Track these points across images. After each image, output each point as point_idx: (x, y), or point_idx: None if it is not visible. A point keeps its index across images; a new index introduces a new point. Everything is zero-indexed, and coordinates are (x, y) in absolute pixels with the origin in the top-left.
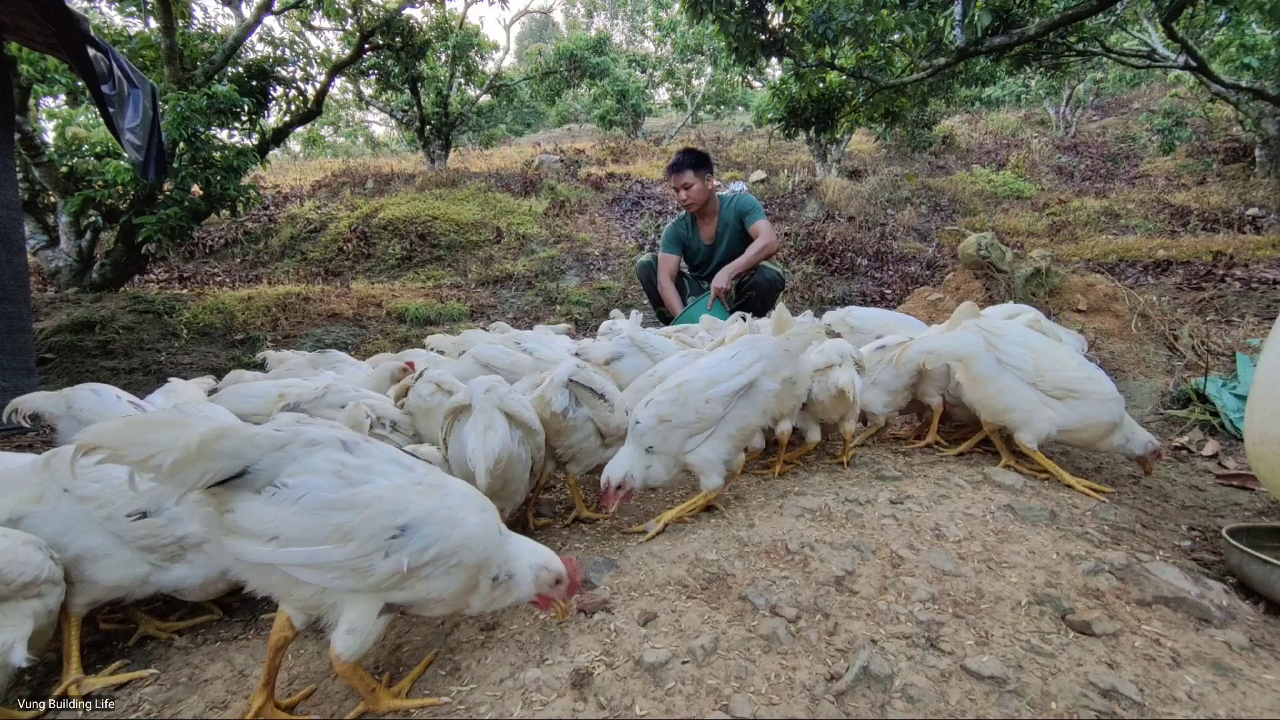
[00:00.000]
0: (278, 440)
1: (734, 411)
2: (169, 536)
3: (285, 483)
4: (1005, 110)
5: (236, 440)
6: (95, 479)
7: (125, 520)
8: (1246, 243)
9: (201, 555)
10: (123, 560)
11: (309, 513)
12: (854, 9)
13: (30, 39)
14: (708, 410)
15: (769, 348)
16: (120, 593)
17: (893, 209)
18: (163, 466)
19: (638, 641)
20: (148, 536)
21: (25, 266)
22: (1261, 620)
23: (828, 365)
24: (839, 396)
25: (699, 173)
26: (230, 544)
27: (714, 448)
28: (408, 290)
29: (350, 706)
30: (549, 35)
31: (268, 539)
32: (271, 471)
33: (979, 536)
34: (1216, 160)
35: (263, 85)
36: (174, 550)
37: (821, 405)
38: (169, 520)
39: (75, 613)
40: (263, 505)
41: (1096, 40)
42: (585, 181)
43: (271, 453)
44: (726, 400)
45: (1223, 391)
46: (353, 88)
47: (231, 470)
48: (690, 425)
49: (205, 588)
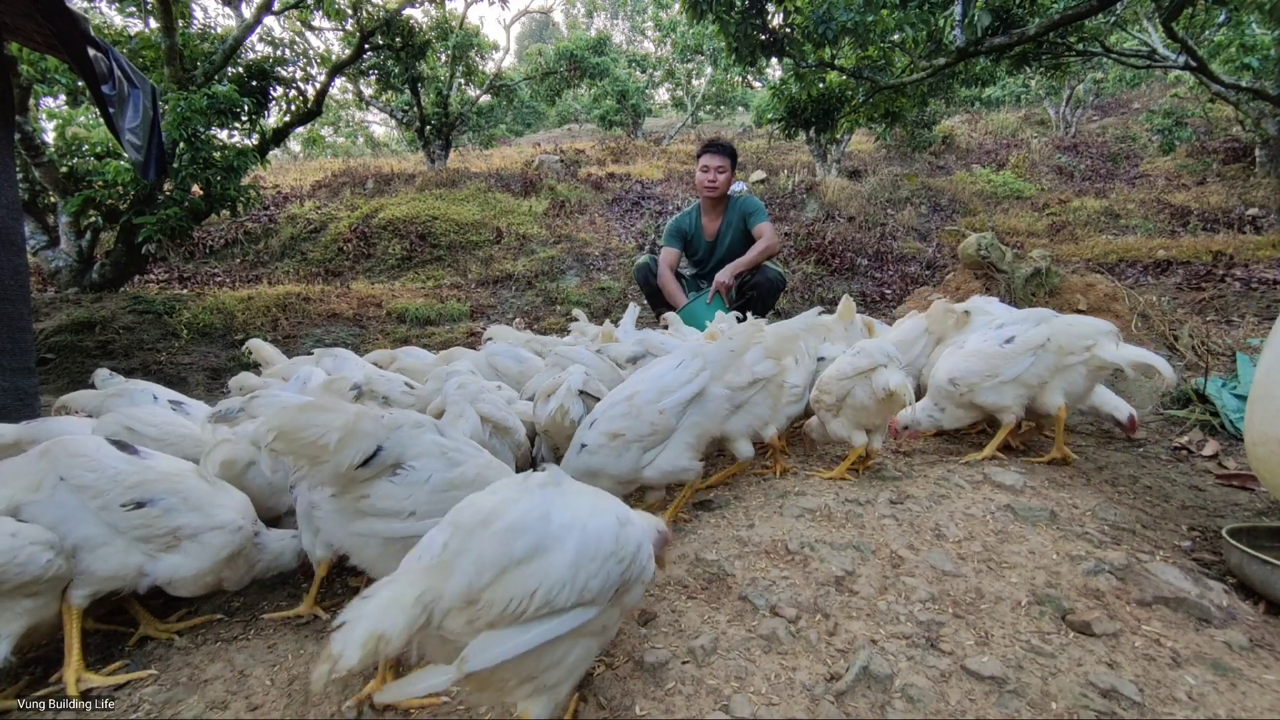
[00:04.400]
0: (394, 422)
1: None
2: (164, 527)
3: (413, 465)
4: (1005, 110)
5: (370, 421)
6: (90, 468)
7: (120, 510)
8: (1246, 243)
9: (195, 545)
10: (118, 550)
11: (436, 491)
12: (854, 9)
13: (30, 39)
14: (662, 421)
15: (713, 354)
16: (116, 584)
17: (893, 209)
18: (330, 444)
19: (637, 641)
20: (143, 526)
21: (25, 266)
22: (1261, 620)
23: (872, 367)
24: (888, 400)
25: (730, 164)
26: (366, 525)
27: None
28: (408, 290)
29: (351, 707)
30: (549, 35)
31: (405, 515)
32: (397, 452)
33: (979, 536)
34: (1216, 160)
35: (263, 85)
36: (169, 540)
37: (867, 409)
38: (164, 511)
39: (75, 604)
40: (396, 487)
41: (1096, 40)
42: (585, 181)
43: (393, 433)
44: (679, 410)
45: (1223, 391)
46: (353, 88)
47: (370, 450)
48: (645, 438)
49: (197, 580)
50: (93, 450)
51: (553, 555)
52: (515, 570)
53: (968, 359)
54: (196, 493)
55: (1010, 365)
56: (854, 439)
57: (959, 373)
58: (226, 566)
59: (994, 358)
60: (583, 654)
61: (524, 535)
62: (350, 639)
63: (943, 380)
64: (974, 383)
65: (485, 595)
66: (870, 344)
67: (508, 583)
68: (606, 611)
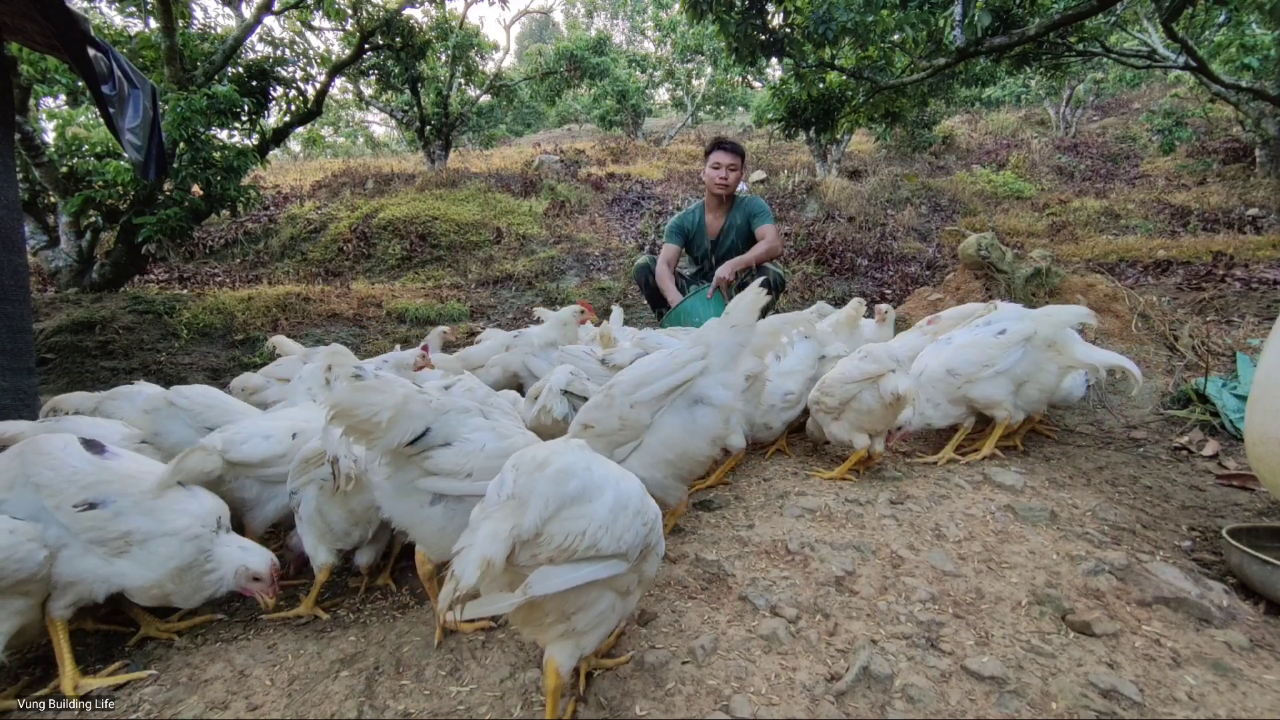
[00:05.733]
0: (442, 407)
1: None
2: (115, 530)
3: (468, 438)
4: (1005, 110)
5: (418, 403)
6: (50, 466)
7: (72, 511)
8: (1246, 243)
9: (144, 552)
10: (76, 553)
11: (491, 457)
12: (854, 9)
13: (30, 39)
14: (633, 416)
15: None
16: (83, 590)
17: (893, 209)
18: (382, 422)
19: (638, 641)
20: (94, 529)
21: (25, 266)
22: (1261, 620)
23: (880, 373)
24: (895, 404)
25: (740, 163)
26: (430, 483)
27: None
28: (408, 290)
29: (351, 707)
30: (549, 35)
31: (464, 476)
32: (446, 433)
33: (979, 537)
34: (1216, 160)
35: (263, 85)
36: (120, 545)
37: (873, 414)
38: (114, 513)
39: (57, 615)
40: (454, 454)
41: (1096, 40)
42: (585, 182)
43: (440, 416)
44: (654, 404)
45: (1223, 392)
46: (353, 88)
47: (419, 430)
48: (613, 434)
49: (148, 591)
50: (57, 449)
51: (595, 503)
52: (569, 509)
53: (964, 349)
54: (152, 496)
55: (1004, 355)
56: (855, 442)
57: (957, 363)
58: (175, 579)
59: (989, 348)
60: (608, 608)
61: (573, 478)
62: (468, 563)
63: (940, 372)
64: (971, 373)
65: (546, 529)
66: (876, 348)
67: (564, 518)
68: (631, 573)
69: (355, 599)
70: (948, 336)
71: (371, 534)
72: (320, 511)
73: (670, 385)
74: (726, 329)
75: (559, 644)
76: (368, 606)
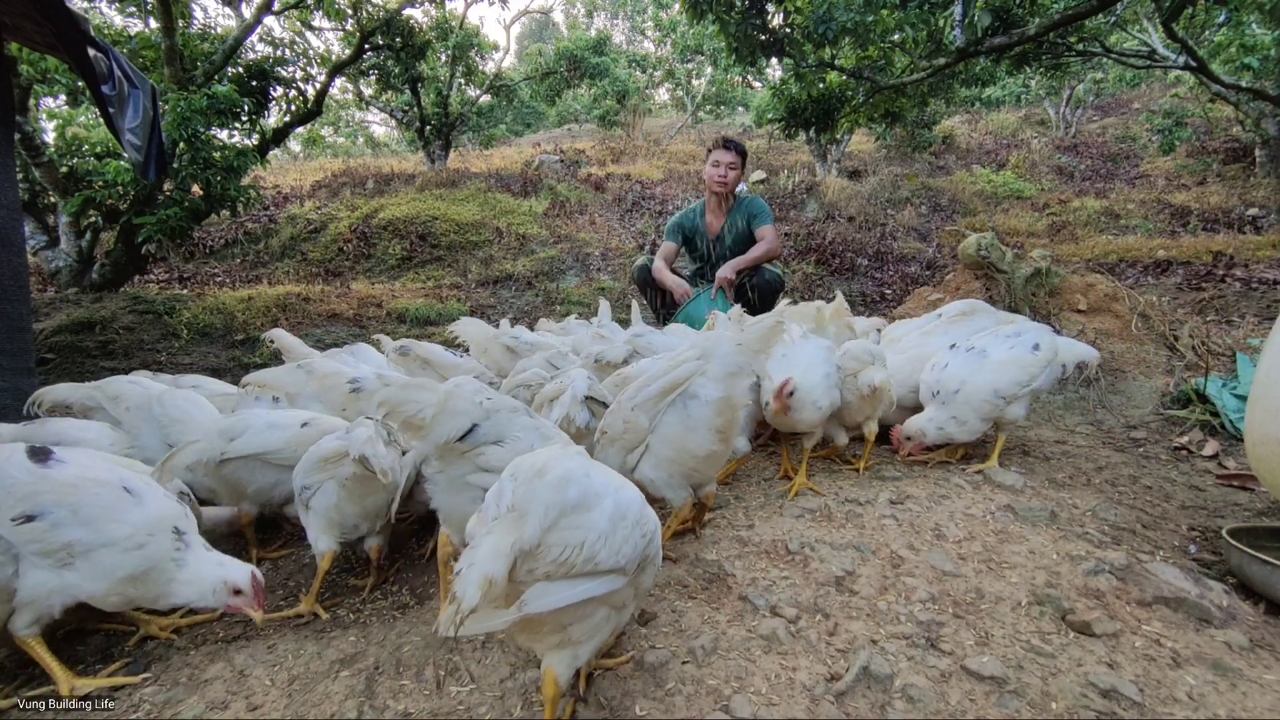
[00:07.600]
0: (490, 407)
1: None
2: (55, 542)
3: (517, 436)
4: (1005, 110)
5: (461, 400)
6: None
7: (11, 524)
8: (1246, 243)
9: (89, 564)
10: (27, 566)
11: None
12: (854, 9)
13: (30, 39)
14: (633, 420)
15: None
16: (41, 604)
17: (893, 209)
18: (426, 418)
19: (638, 641)
20: (34, 541)
21: (25, 266)
22: (1261, 620)
23: (859, 368)
24: (871, 396)
25: (741, 162)
26: (481, 479)
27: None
28: (408, 290)
29: (351, 707)
30: (549, 35)
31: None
32: (495, 432)
33: (979, 537)
34: (1216, 160)
35: (263, 85)
36: (63, 557)
37: (850, 406)
38: (51, 525)
39: (26, 634)
40: (505, 451)
41: (1096, 40)
42: (585, 182)
43: (488, 416)
44: (649, 407)
45: (1223, 392)
46: (353, 88)
47: (464, 427)
48: (620, 437)
49: (107, 600)
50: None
51: (595, 511)
52: (569, 517)
53: (1006, 368)
54: (92, 505)
55: (1044, 373)
56: (838, 438)
57: (1003, 383)
58: (130, 586)
59: (1031, 365)
60: (603, 621)
61: (573, 484)
62: (469, 583)
63: (987, 393)
64: (1014, 394)
65: (545, 539)
66: (854, 345)
67: (563, 528)
68: (628, 587)
69: (355, 599)
70: (981, 349)
71: (379, 526)
72: (337, 507)
73: (663, 388)
74: (733, 346)
75: (556, 654)
76: (368, 606)
